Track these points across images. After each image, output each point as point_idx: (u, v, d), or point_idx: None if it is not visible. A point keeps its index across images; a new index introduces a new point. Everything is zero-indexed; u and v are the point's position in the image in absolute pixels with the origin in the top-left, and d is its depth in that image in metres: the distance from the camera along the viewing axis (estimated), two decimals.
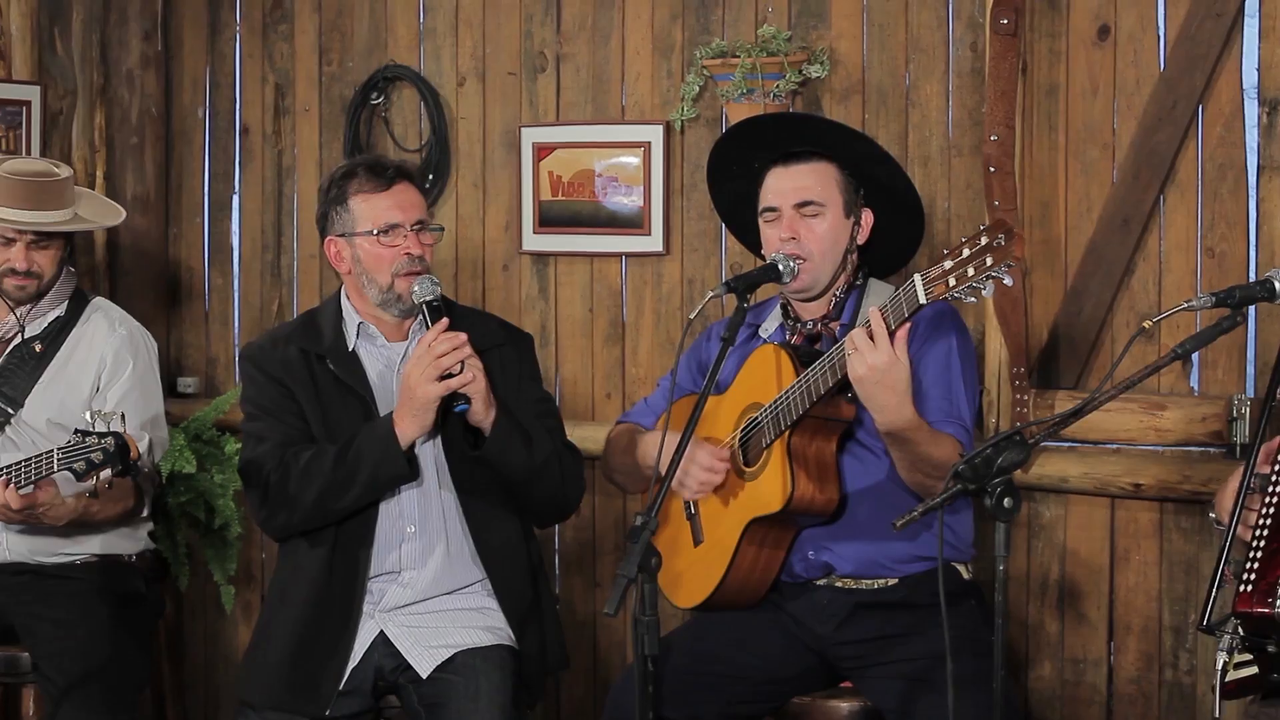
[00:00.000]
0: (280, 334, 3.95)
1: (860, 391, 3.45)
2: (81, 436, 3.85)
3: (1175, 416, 4.15)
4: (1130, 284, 4.23)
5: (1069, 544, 4.32)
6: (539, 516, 3.96)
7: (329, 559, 3.78)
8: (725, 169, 3.99)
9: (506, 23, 5.02)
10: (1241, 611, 3.04)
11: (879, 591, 3.74)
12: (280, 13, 5.40)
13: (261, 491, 3.79)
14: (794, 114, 4.37)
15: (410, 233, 3.79)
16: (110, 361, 4.33)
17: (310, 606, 3.78)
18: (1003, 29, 4.13)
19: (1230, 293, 3.19)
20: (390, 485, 3.75)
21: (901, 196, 3.83)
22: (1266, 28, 4.02)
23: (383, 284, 3.79)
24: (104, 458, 3.82)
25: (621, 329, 4.93)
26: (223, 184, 5.57)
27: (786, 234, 3.77)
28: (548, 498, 3.85)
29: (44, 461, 3.88)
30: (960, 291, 3.27)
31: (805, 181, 3.79)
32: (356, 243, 3.80)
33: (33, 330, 4.36)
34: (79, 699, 3.99)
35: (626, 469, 4.04)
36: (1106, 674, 4.29)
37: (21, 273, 4.30)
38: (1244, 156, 4.08)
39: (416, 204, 3.84)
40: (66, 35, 5.43)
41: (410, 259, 3.77)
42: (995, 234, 3.20)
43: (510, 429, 3.72)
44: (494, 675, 3.71)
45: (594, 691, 4.96)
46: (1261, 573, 3.04)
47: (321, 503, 3.73)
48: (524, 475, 3.76)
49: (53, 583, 4.25)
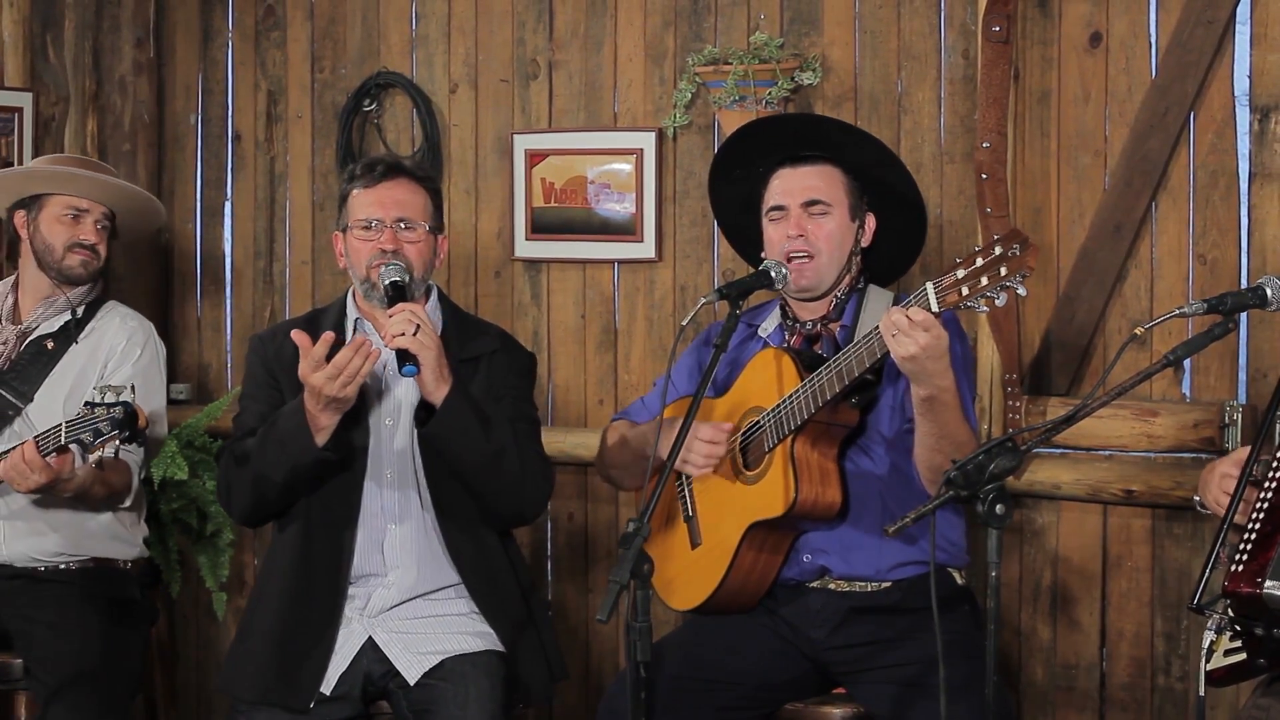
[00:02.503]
0: (283, 327, 3.99)
1: (911, 367, 3.42)
2: (90, 408, 3.88)
3: (1167, 423, 4.16)
4: (1122, 290, 4.23)
5: (1061, 550, 4.33)
6: (494, 513, 3.85)
7: (306, 552, 3.79)
8: (727, 173, 3.99)
9: (499, 30, 5.03)
10: (1230, 591, 3.06)
11: (872, 595, 3.74)
12: (272, 20, 5.40)
13: (220, 475, 3.88)
14: (809, 115, 4.34)
15: (388, 228, 3.81)
16: (120, 351, 4.40)
17: (290, 599, 3.78)
18: (994, 36, 4.14)
19: (1222, 299, 3.20)
20: (304, 457, 3.68)
21: (905, 203, 3.83)
22: (1258, 35, 4.03)
23: (360, 275, 3.84)
24: (111, 425, 3.86)
25: (614, 335, 4.93)
26: (215, 191, 5.57)
27: (794, 231, 3.76)
28: (502, 491, 3.78)
29: (52, 435, 3.92)
30: (973, 301, 3.25)
31: (813, 182, 3.79)
32: (348, 236, 3.87)
33: (47, 328, 4.40)
34: (70, 703, 3.99)
35: (623, 464, 4.03)
36: (1099, 680, 4.30)
37: (89, 246, 4.42)
38: (1235, 163, 4.09)
39: (403, 201, 3.84)
40: (59, 42, 5.43)
41: (381, 252, 3.80)
42: (1010, 244, 3.19)
43: (462, 407, 3.68)
44: (483, 681, 3.70)
45: (587, 698, 4.95)
46: (1253, 554, 3.06)
47: (257, 483, 3.75)
48: (476, 460, 3.72)
49: (46, 587, 4.26)
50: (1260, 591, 3.03)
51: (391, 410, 3.84)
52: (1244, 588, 3.04)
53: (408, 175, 3.88)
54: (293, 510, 3.83)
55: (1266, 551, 3.05)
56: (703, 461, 3.75)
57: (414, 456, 3.82)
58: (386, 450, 3.83)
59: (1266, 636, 3.07)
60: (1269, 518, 3.08)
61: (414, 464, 3.83)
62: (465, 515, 3.83)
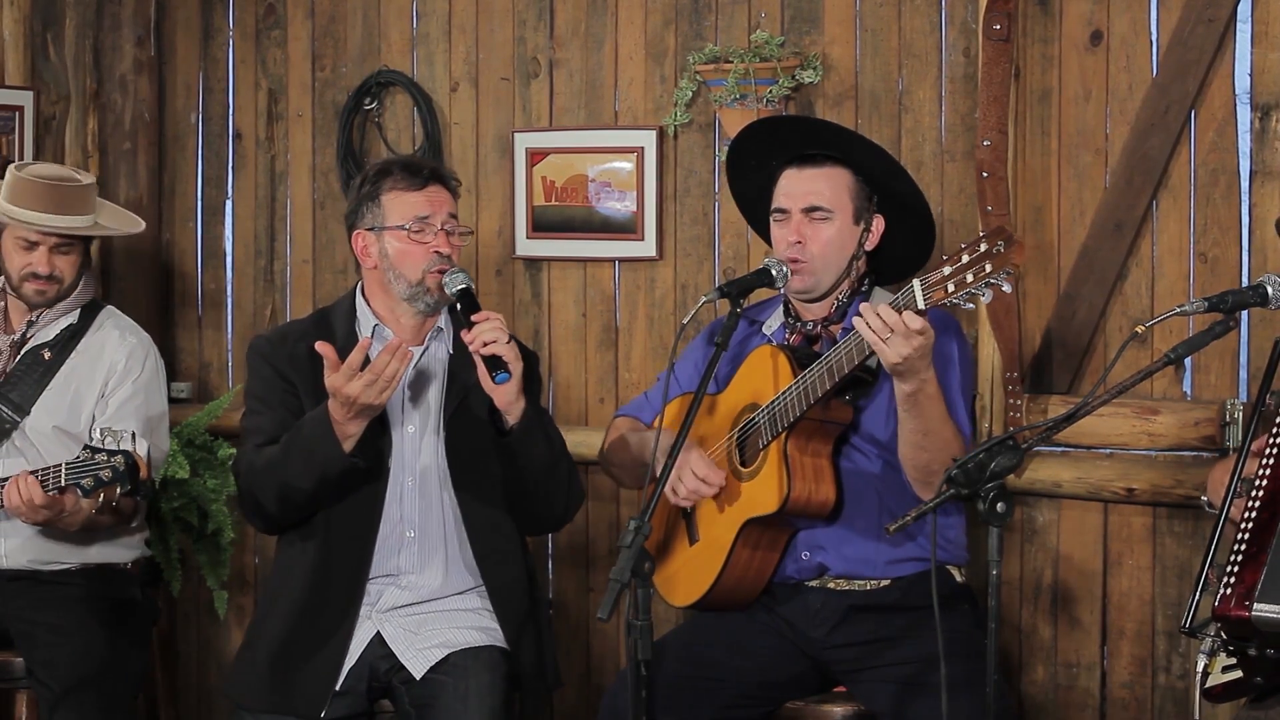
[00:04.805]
0: (292, 330, 3.96)
1: (900, 368, 3.41)
2: (91, 453, 3.86)
3: (1168, 421, 4.15)
4: (1123, 289, 4.23)
5: (1062, 549, 4.33)
6: (539, 520, 3.94)
7: (324, 560, 3.78)
8: (743, 164, 4.00)
9: (499, 28, 5.03)
10: (1221, 614, 3.04)
11: (871, 593, 3.74)
12: (273, 19, 5.40)
13: (243, 486, 3.81)
14: (811, 119, 4.33)
15: (440, 231, 3.81)
16: (120, 369, 4.34)
17: (303, 608, 3.77)
18: (995, 34, 4.14)
19: (1223, 298, 3.20)
20: (331, 466, 3.65)
21: (914, 208, 3.83)
22: (1259, 33, 4.03)
23: (411, 279, 3.80)
24: (113, 475, 3.84)
25: (615, 334, 4.93)
26: (216, 189, 5.57)
27: (793, 237, 3.78)
28: (555, 498, 3.84)
29: (52, 475, 3.89)
30: (959, 298, 3.26)
31: (816, 186, 3.80)
32: (385, 238, 3.82)
33: (43, 337, 4.36)
34: (74, 705, 3.99)
35: (624, 463, 4.05)
36: (1100, 678, 4.30)
37: (43, 277, 4.31)
38: (1236, 161, 4.09)
39: (448, 204, 3.86)
40: (59, 40, 5.43)
41: (440, 257, 3.79)
42: (995, 240, 3.20)
43: (536, 418, 3.73)
44: (484, 676, 3.71)
45: (588, 697, 4.95)
46: (1241, 576, 3.04)
47: (284, 492, 3.71)
48: (543, 468, 3.76)
49: (47, 589, 4.25)
50: (1250, 615, 3.01)
51: (412, 416, 3.84)
52: (1234, 611, 3.02)
53: (445, 183, 3.88)
54: (313, 517, 3.81)
55: (1254, 573, 3.03)
56: (687, 495, 3.78)
57: (438, 462, 3.83)
58: (409, 456, 3.83)
59: (1260, 657, 3.06)
60: (1254, 538, 3.06)
61: (437, 469, 3.83)
62: (491, 521, 3.85)
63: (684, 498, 3.78)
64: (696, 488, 3.75)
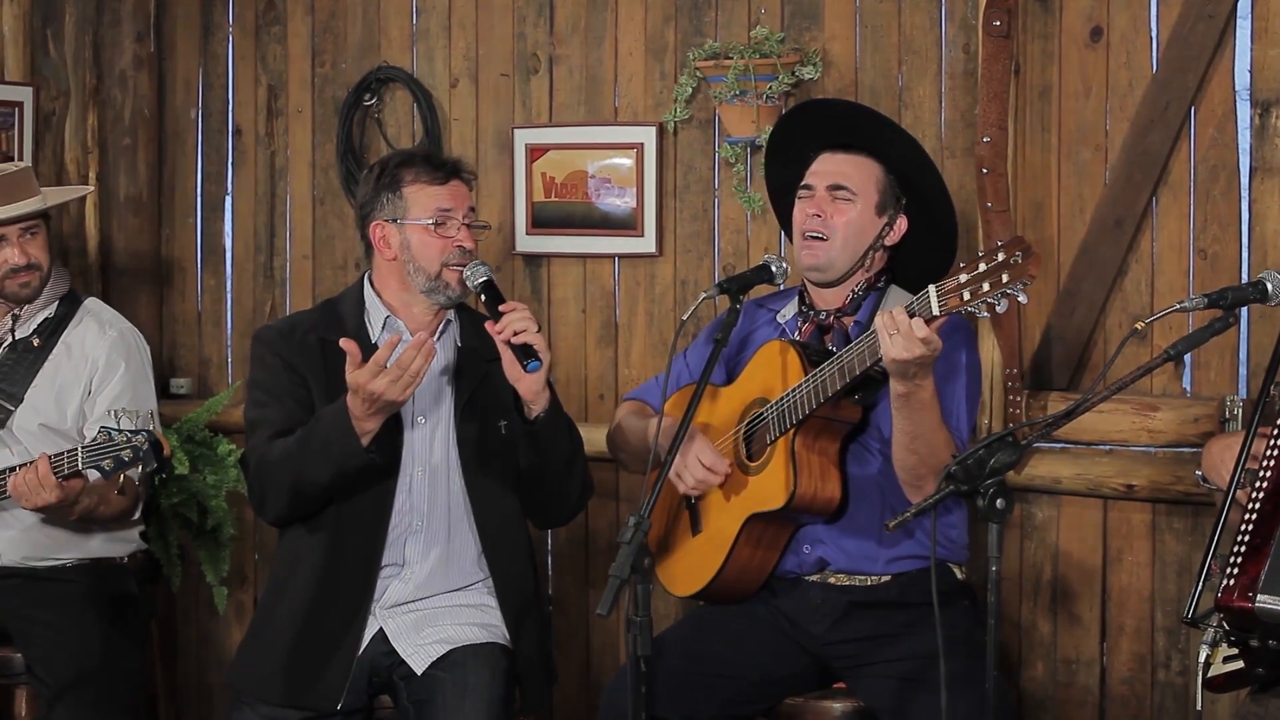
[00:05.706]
0: (299, 321, 3.95)
1: (896, 368, 3.41)
2: (108, 434, 3.86)
3: (1167, 418, 4.16)
4: (1123, 285, 4.23)
5: (1061, 545, 4.33)
6: (552, 512, 3.95)
7: (334, 552, 3.77)
8: (781, 154, 4.00)
9: (499, 24, 5.02)
10: (1224, 605, 3.05)
11: (871, 589, 3.75)
12: (273, 14, 5.40)
13: (253, 478, 3.80)
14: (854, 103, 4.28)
15: (462, 225, 3.82)
16: (102, 365, 4.34)
17: (315, 599, 3.77)
18: (995, 30, 4.14)
19: (1223, 294, 3.20)
20: (349, 461, 3.64)
21: (940, 221, 3.82)
22: (1259, 29, 4.03)
23: (431, 272, 3.81)
24: (134, 455, 3.84)
25: (614, 330, 4.93)
26: (215, 185, 5.57)
27: (813, 210, 3.79)
28: (571, 489, 3.86)
29: (67, 459, 3.89)
30: (974, 306, 3.25)
31: (845, 169, 3.81)
32: (407, 230, 3.82)
33: (23, 332, 4.36)
34: (72, 701, 4.00)
35: (631, 449, 4.05)
36: (1099, 675, 4.30)
37: (22, 267, 4.32)
38: (1236, 158, 4.09)
39: (468, 198, 3.88)
40: (59, 36, 5.43)
41: (461, 251, 3.80)
42: (1013, 251, 3.18)
43: (560, 409, 3.74)
44: (483, 672, 3.71)
45: (587, 693, 4.96)
46: (1244, 568, 3.05)
47: (297, 486, 3.70)
48: (564, 458, 3.77)
49: (44, 585, 4.25)
50: (1253, 606, 3.02)
51: (423, 408, 3.84)
52: (1237, 602, 3.03)
53: (463, 179, 3.90)
54: (323, 510, 3.80)
55: (1257, 564, 3.04)
56: (694, 484, 3.78)
57: (449, 454, 3.83)
58: (419, 448, 3.83)
59: (1262, 648, 3.06)
60: (1258, 529, 3.07)
61: (447, 461, 3.83)
62: (500, 512, 3.85)
63: (691, 487, 3.78)
64: (704, 477, 3.75)
